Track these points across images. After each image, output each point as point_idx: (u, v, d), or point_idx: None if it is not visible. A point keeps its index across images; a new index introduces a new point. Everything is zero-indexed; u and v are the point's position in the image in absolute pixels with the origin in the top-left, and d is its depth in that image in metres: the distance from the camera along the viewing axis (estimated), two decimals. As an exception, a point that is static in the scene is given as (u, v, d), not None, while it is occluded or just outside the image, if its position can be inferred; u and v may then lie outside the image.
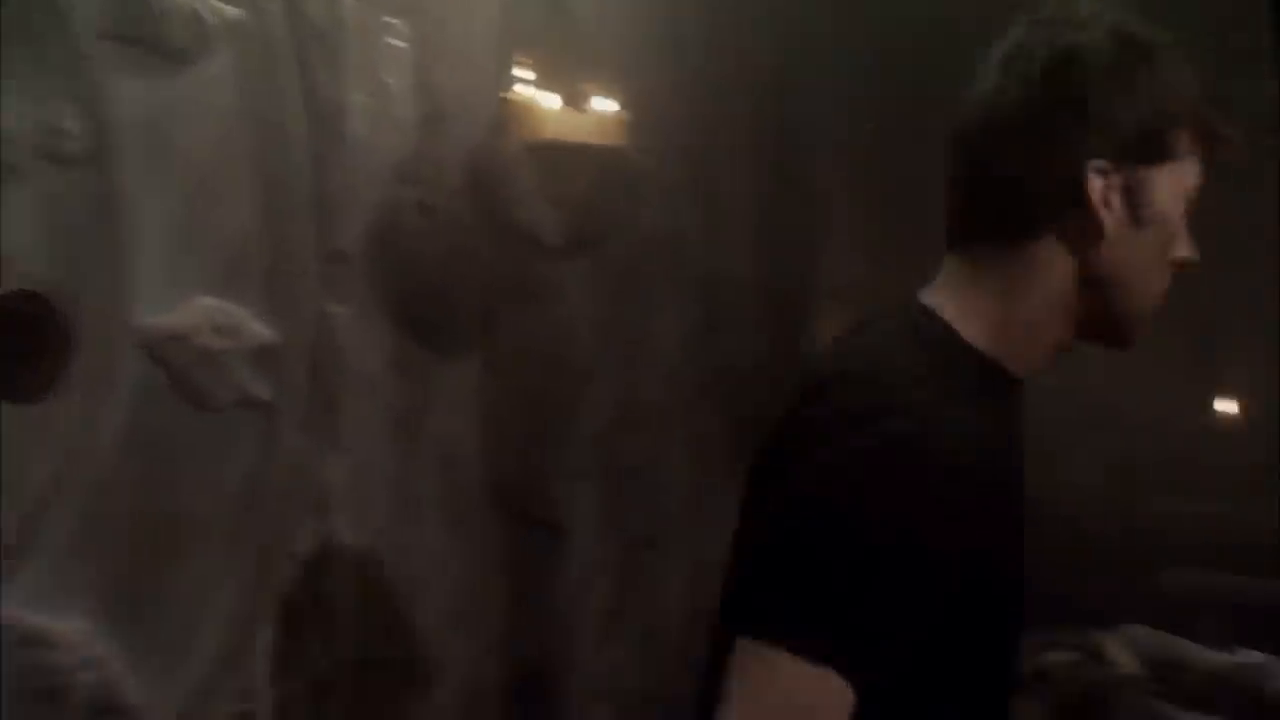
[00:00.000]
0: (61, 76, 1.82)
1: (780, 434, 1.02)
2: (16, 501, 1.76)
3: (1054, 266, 1.02)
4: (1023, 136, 0.99)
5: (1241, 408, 6.31)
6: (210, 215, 1.93)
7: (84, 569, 1.86)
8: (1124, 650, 5.19)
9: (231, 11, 1.89)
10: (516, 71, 1.82)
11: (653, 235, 3.05)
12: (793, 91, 3.88)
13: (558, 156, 1.83)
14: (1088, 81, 0.98)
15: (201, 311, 1.93)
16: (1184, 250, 1.06)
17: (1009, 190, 1.00)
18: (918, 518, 0.89)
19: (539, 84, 1.83)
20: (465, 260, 2.00)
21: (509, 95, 1.84)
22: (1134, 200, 1.00)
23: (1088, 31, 1.00)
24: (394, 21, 1.79)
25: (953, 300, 1.03)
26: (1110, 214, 1.00)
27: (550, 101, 1.84)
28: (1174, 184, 1.02)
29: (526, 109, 1.81)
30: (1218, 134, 1.04)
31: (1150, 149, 1.00)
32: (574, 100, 1.87)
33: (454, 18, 1.90)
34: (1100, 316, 1.05)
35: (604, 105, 1.89)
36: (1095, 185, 0.99)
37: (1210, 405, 6.44)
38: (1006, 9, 1.06)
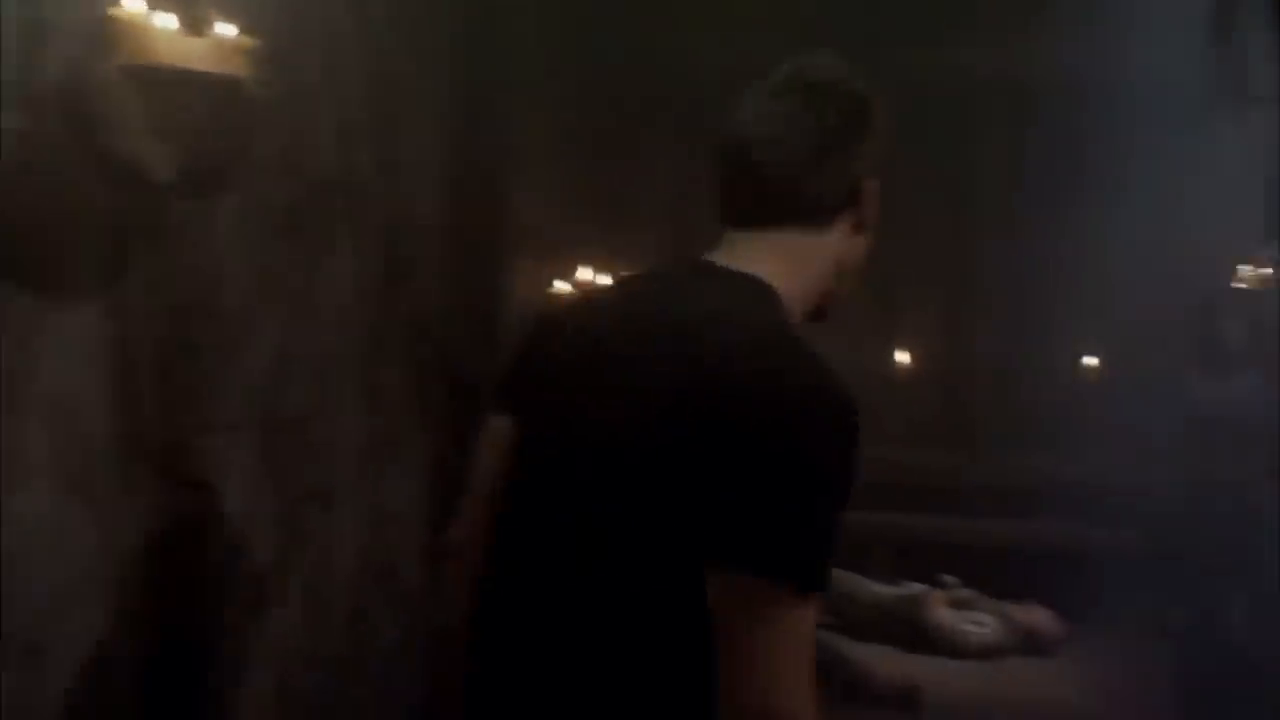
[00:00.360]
0: None
1: (674, 383, 1.22)
2: None
3: (833, 249, 1.38)
4: (826, 154, 1.35)
5: (914, 360, 6.85)
6: None
7: None
8: None
9: None
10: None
11: (322, 176, 2.89)
12: (484, 34, 3.78)
13: (169, 83, 1.65)
14: (869, 119, 1.39)
15: None
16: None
17: (814, 192, 1.35)
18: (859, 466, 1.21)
19: (152, 1, 1.65)
20: (76, 197, 1.80)
21: (115, 11, 1.65)
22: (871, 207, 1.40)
23: (860, 82, 1.40)
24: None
25: (764, 268, 1.34)
26: (869, 215, 1.40)
27: (164, 21, 1.66)
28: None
29: (134, 28, 1.63)
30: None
31: (879, 170, 1.40)
32: (192, 23, 1.70)
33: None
34: (829, 293, 1.41)
35: (226, 30, 1.73)
36: (869, 191, 1.39)
37: (890, 356, 6.95)
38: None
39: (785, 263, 1.36)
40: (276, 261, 2.65)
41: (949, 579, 5.34)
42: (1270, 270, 5.15)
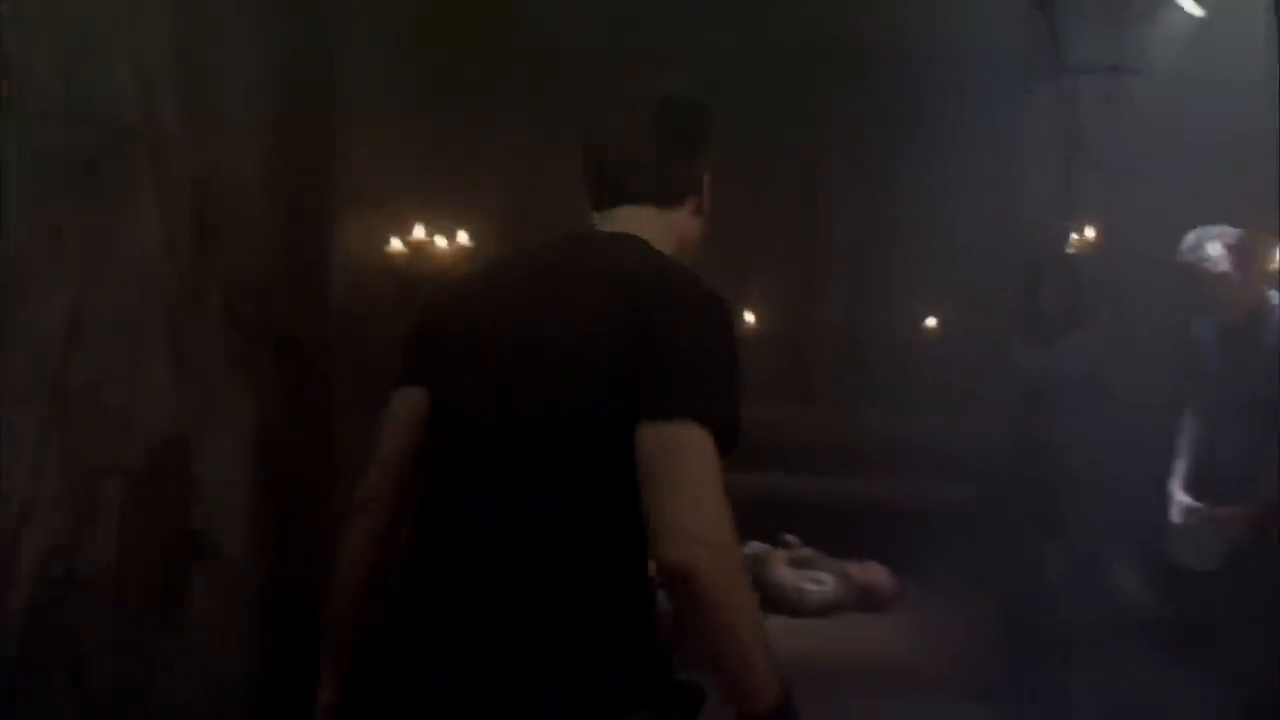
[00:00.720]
0: None
1: (609, 309, 1.55)
2: None
3: (678, 226, 1.79)
4: (682, 153, 1.77)
5: (758, 319, 6.87)
6: None
7: None
8: None
9: None
10: None
11: (121, 126, 2.68)
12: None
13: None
14: (709, 127, 1.80)
15: None
16: None
17: (673, 179, 1.77)
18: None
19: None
20: None
21: None
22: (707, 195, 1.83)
23: (700, 95, 1.80)
24: None
25: (644, 234, 1.72)
26: (706, 201, 1.83)
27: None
28: None
29: None
30: None
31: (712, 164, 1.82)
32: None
33: None
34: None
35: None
36: (706, 181, 1.82)
37: (738, 316, 6.93)
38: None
39: (645, 231, 1.73)
40: (71, 216, 2.44)
41: (790, 538, 5.41)
42: (1094, 235, 5.33)
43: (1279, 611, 3.15)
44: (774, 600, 5.08)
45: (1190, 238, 3.55)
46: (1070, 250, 5.28)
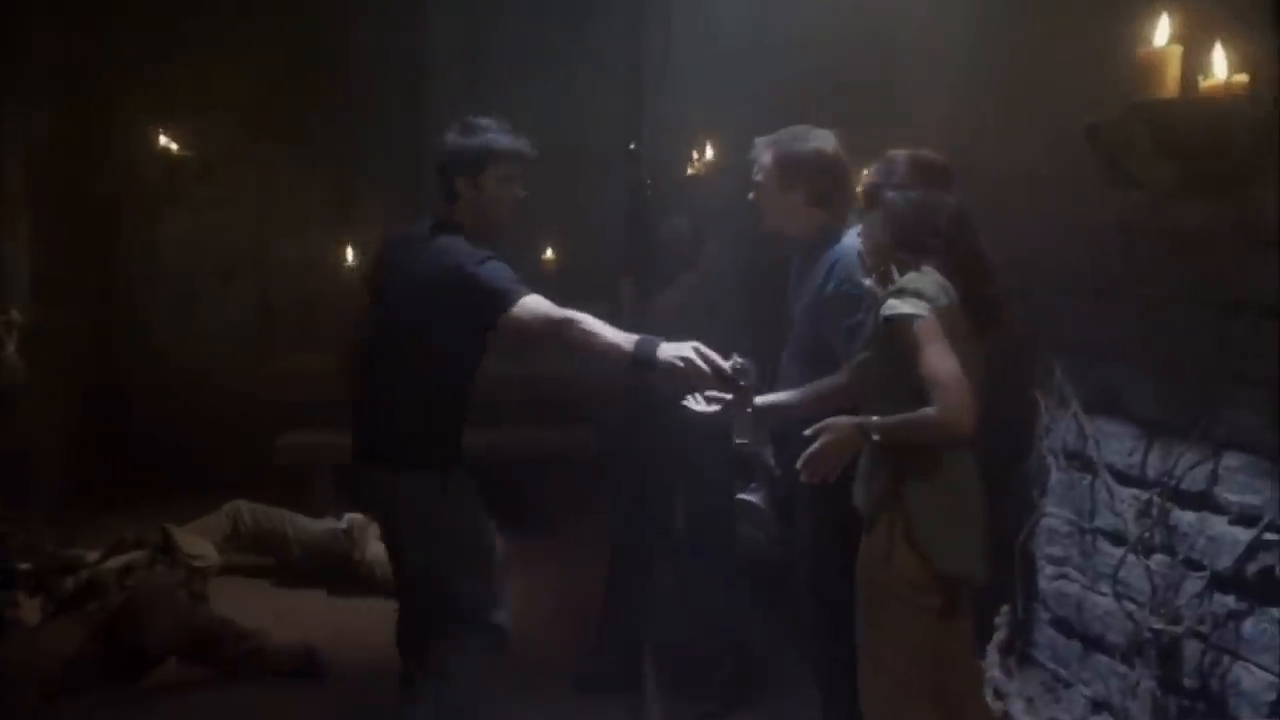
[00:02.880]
0: None
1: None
2: None
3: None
4: (467, 168, 3.08)
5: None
6: None
7: None
8: (198, 541, 4.73)
9: None
10: None
11: None
12: None
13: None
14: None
15: None
16: None
17: (457, 184, 3.08)
18: None
19: None
20: None
21: None
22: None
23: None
24: None
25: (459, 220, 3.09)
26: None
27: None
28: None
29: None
30: None
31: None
32: None
33: None
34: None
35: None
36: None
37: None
38: None
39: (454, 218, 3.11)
40: None
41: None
42: (713, 156, 4.96)
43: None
44: (366, 580, 4.51)
45: (759, 142, 3.04)
46: (689, 173, 4.87)
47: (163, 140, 5.57)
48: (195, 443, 5.80)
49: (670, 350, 2.78)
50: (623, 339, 2.83)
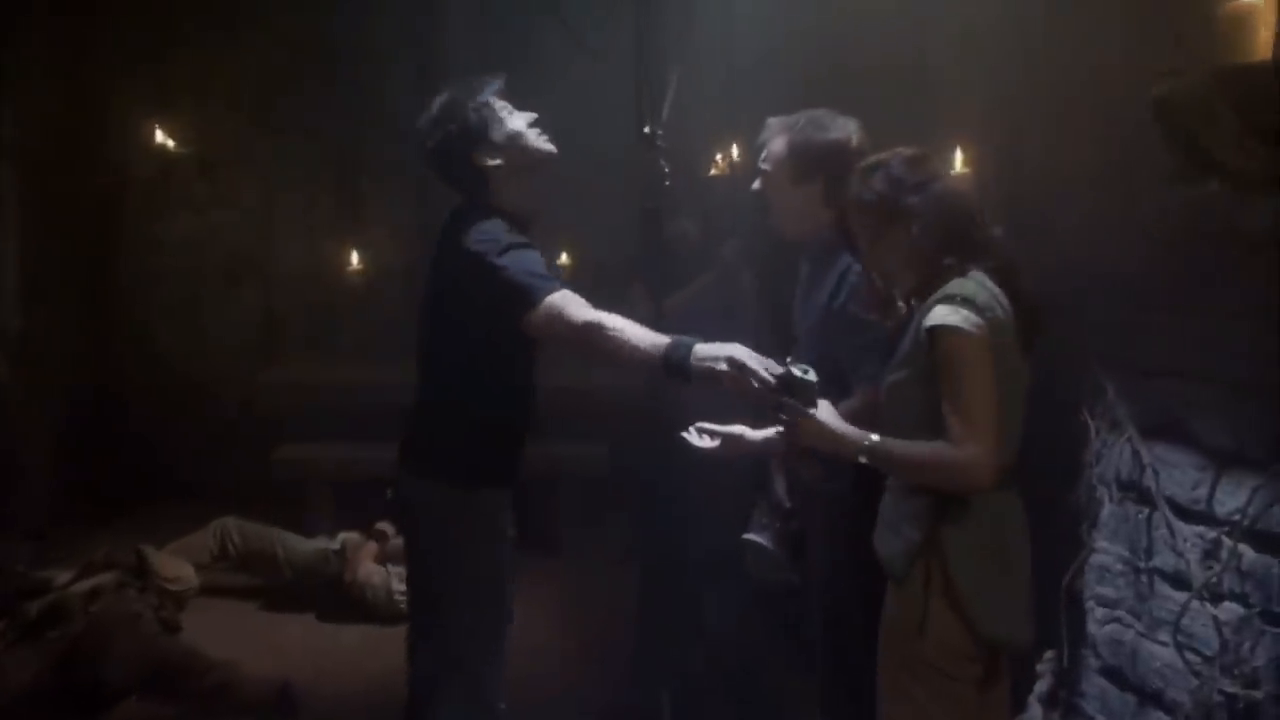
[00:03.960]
0: None
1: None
2: None
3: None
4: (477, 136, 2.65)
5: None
6: None
7: None
8: (175, 563, 4.46)
9: None
10: None
11: None
12: None
13: None
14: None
15: None
16: None
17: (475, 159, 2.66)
18: None
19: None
20: None
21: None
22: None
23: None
24: None
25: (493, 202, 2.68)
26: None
27: None
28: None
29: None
30: None
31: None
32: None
33: None
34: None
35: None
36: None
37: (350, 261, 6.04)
38: None
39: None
40: None
41: (384, 527, 4.54)
42: (739, 156, 4.66)
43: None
44: (357, 605, 4.24)
45: (771, 123, 2.68)
46: (712, 173, 4.58)
47: (159, 137, 5.33)
48: (192, 453, 5.57)
49: (707, 352, 2.34)
50: (652, 342, 2.43)
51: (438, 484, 2.69)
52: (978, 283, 2.08)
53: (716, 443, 2.51)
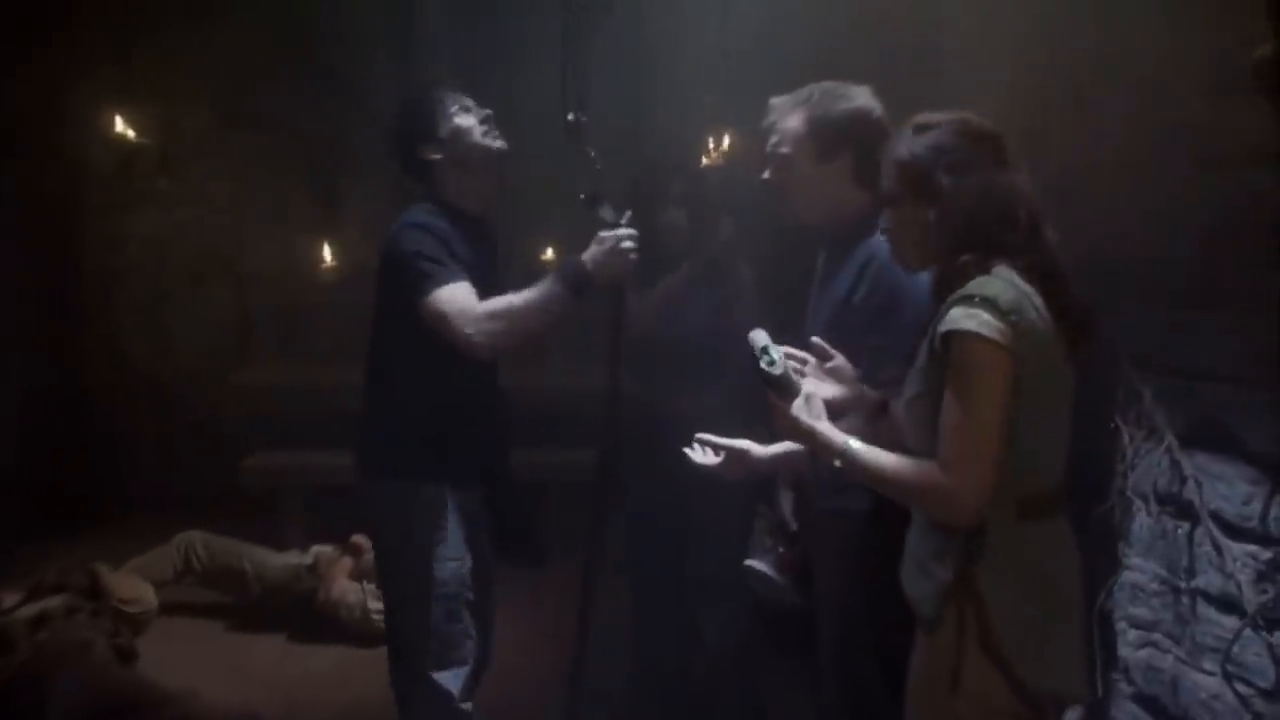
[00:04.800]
0: None
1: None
2: None
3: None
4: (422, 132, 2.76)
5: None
6: None
7: None
8: (133, 583, 4.19)
9: None
10: None
11: None
12: None
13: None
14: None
15: None
16: None
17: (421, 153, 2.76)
18: None
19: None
20: None
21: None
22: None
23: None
24: None
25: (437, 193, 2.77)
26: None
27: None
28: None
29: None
30: None
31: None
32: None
33: None
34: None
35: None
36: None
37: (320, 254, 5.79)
38: None
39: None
40: None
41: (360, 539, 4.29)
42: (729, 143, 4.43)
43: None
44: (337, 623, 3.99)
45: (776, 103, 2.43)
46: (705, 163, 4.34)
47: (119, 127, 5.06)
48: (158, 461, 5.30)
49: (594, 249, 2.62)
50: (543, 289, 2.60)
51: (381, 480, 2.72)
52: (1005, 281, 1.83)
53: (720, 458, 2.27)
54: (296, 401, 4.97)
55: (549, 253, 5.40)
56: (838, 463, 1.89)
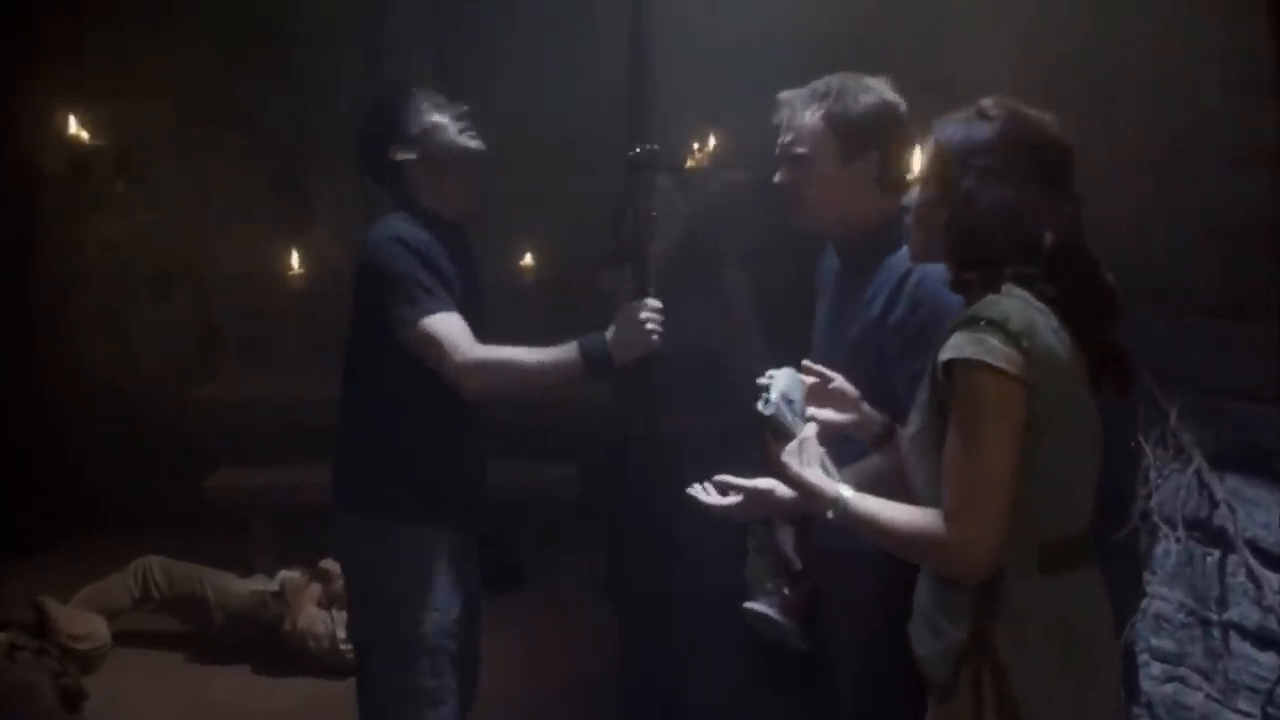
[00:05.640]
0: None
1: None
2: None
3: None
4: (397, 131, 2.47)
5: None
6: None
7: None
8: (84, 618, 3.93)
9: None
10: None
11: None
12: None
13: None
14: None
15: None
16: None
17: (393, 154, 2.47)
18: None
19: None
20: None
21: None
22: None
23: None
24: None
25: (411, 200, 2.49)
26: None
27: None
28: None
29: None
30: None
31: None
32: None
33: None
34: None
35: None
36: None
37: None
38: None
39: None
40: None
41: (329, 564, 4.06)
42: (715, 144, 4.24)
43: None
44: (304, 654, 3.76)
45: (787, 98, 2.18)
46: (688, 164, 4.15)
47: (72, 128, 4.82)
48: (118, 479, 5.03)
49: (619, 327, 2.34)
50: (557, 354, 2.36)
51: (356, 516, 2.47)
52: (1016, 300, 1.61)
53: (737, 499, 2.06)
54: (264, 415, 4.70)
55: (528, 258, 5.22)
56: (829, 514, 1.69)
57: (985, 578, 1.59)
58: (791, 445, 1.75)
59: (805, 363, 1.97)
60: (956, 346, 1.58)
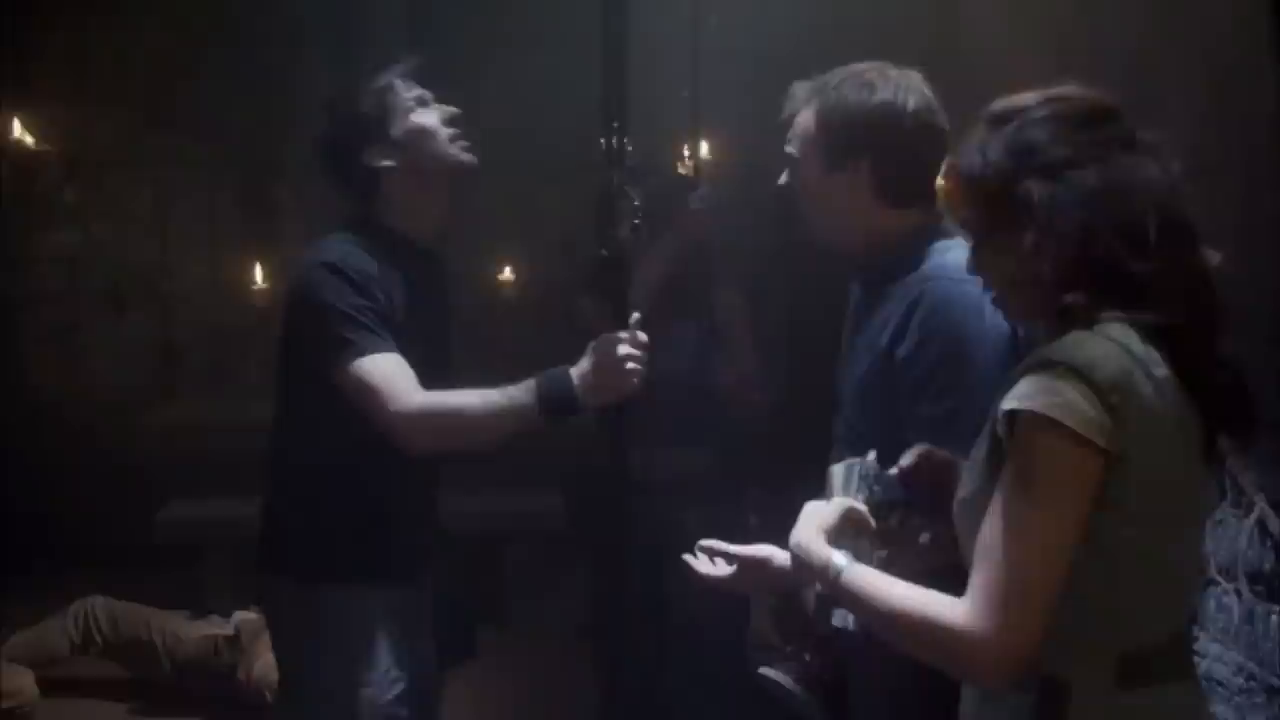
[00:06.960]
0: None
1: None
2: None
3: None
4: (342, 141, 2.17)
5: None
6: None
7: None
8: (10, 672, 3.64)
9: None
10: None
11: None
12: None
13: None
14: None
15: None
16: None
17: (344, 166, 2.19)
18: None
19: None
20: None
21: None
22: None
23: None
24: None
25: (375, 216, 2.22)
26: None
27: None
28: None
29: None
30: None
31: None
32: None
33: None
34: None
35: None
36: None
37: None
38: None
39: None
40: None
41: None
42: (709, 152, 4.00)
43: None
44: (259, 706, 3.47)
45: (799, 89, 1.88)
46: (681, 173, 3.92)
47: (16, 131, 4.58)
48: (67, 511, 4.77)
49: (589, 362, 1.98)
50: (511, 396, 2.01)
51: (282, 578, 2.19)
52: (1110, 342, 1.29)
53: (730, 570, 1.76)
54: (223, 442, 4.44)
55: (506, 272, 5.00)
56: (817, 586, 1.40)
57: (1004, 686, 1.28)
58: (811, 506, 1.45)
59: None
60: (1023, 395, 1.26)
